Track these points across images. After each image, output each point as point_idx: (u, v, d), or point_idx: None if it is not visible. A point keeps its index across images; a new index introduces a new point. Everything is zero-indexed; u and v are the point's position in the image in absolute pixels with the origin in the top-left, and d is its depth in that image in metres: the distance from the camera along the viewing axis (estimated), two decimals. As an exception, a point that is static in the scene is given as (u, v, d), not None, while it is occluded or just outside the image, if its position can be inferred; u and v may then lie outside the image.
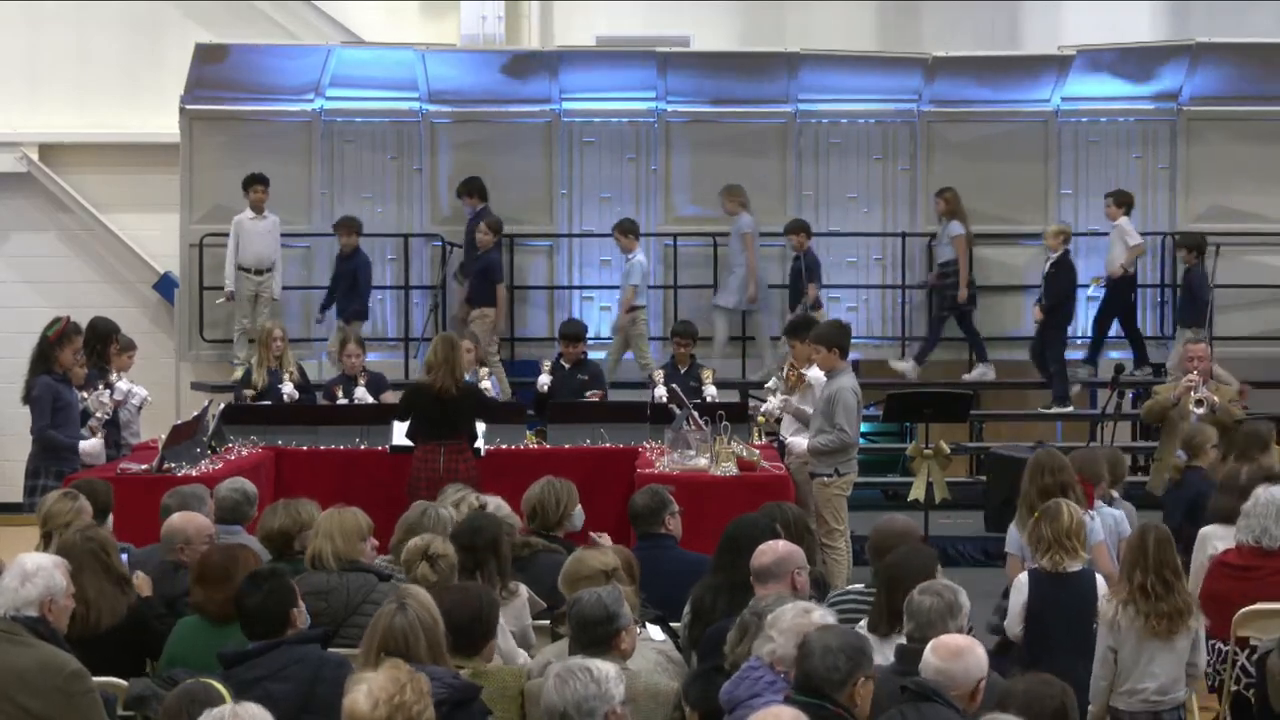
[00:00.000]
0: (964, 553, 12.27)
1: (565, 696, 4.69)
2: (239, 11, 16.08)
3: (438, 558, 6.56)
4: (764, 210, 15.13)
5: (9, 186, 16.20)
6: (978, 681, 5.23)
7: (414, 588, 5.73)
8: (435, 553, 6.57)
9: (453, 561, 6.64)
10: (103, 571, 6.53)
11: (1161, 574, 6.66)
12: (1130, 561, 6.77)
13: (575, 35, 16.10)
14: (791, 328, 11.61)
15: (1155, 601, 6.62)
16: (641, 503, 8.01)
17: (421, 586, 6.02)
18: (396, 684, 4.50)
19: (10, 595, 5.79)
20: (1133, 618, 6.64)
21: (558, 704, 4.69)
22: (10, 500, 12.47)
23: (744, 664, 5.58)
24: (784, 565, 6.40)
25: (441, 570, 6.53)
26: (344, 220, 14.40)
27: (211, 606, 6.25)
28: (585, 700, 4.69)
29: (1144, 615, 6.63)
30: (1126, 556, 6.89)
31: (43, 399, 10.63)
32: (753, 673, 5.48)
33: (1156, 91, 15.32)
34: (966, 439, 14.38)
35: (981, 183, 14.97)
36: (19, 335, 13.18)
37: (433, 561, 6.54)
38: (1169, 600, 6.63)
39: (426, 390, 10.45)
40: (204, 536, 7.27)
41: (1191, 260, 14.19)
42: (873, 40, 16.29)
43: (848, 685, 5.04)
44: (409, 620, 5.36)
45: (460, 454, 10.32)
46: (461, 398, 10.42)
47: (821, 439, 10.17)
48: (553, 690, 4.72)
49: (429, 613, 5.46)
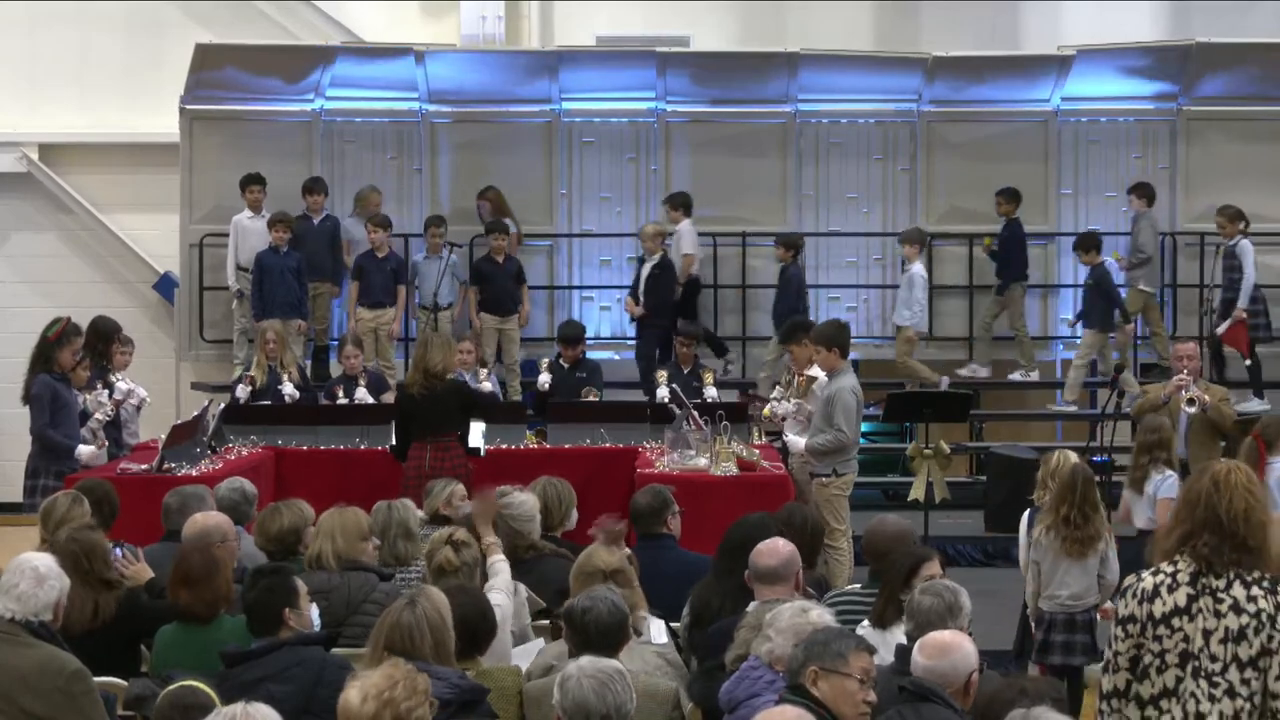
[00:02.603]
0: (964, 553, 12.28)
1: (607, 701, 4.72)
2: (239, 11, 16.08)
3: (461, 545, 6.56)
4: (764, 210, 15.16)
5: (9, 186, 16.20)
6: (969, 675, 5.21)
7: (430, 588, 5.72)
8: (459, 539, 6.58)
9: (476, 553, 6.63)
10: (80, 577, 6.42)
11: (1083, 508, 8.25)
12: (1059, 495, 8.30)
13: (575, 35, 16.10)
14: (787, 333, 11.60)
15: (1073, 529, 8.24)
16: (644, 502, 8.01)
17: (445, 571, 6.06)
18: (389, 680, 4.51)
19: (30, 601, 5.75)
20: (1052, 540, 8.30)
21: (598, 707, 4.71)
22: (10, 500, 12.48)
23: (743, 664, 5.58)
24: (789, 567, 6.40)
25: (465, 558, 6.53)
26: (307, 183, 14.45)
27: (196, 607, 6.25)
28: (623, 705, 4.75)
29: (1062, 539, 8.27)
30: (1055, 491, 8.36)
31: (41, 398, 10.64)
32: (752, 672, 5.49)
33: (1156, 91, 15.32)
34: (966, 439, 14.38)
35: (981, 183, 14.96)
36: (19, 335, 13.18)
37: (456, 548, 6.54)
38: (1084, 529, 8.25)
39: (403, 389, 10.59)
40: (234, 533, 7.30)
41: (1092, 260, 14.21)
42: (872, 40, 16.29)
43: (802, 674, 5.06)
44: (415, 618, 5.36)
45: (446, 451, 10.35)
46: (444, 395, 10.45)
47: (819, 439, 10.17)
48: (590, 693, 4.72)
49: (438, 613, 5.44)
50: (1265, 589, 4.94)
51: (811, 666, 5.07)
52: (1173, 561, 5.03)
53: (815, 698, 5.02)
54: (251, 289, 14.09)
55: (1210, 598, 4.95)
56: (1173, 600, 4.96)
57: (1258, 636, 4.90)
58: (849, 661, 5.08)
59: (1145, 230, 14.46)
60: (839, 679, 5.05)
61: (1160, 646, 4.95)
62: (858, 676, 5.07)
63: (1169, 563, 5.03)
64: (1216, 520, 4.96)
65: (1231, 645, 4.90)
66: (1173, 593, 4.97)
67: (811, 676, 5.07)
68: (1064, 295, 15.24)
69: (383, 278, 14.13)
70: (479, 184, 14.93)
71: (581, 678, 4.77)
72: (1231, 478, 5.01)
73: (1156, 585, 5.00)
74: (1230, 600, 4.93)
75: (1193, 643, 4.93)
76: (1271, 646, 4.89)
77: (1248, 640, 4.90)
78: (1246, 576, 4.95)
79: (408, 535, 7.46)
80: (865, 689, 5.09)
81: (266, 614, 5.84)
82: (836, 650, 5.09)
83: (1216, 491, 4.99)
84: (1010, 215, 14.56)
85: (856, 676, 5.07)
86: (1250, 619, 4.90)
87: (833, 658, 5.07)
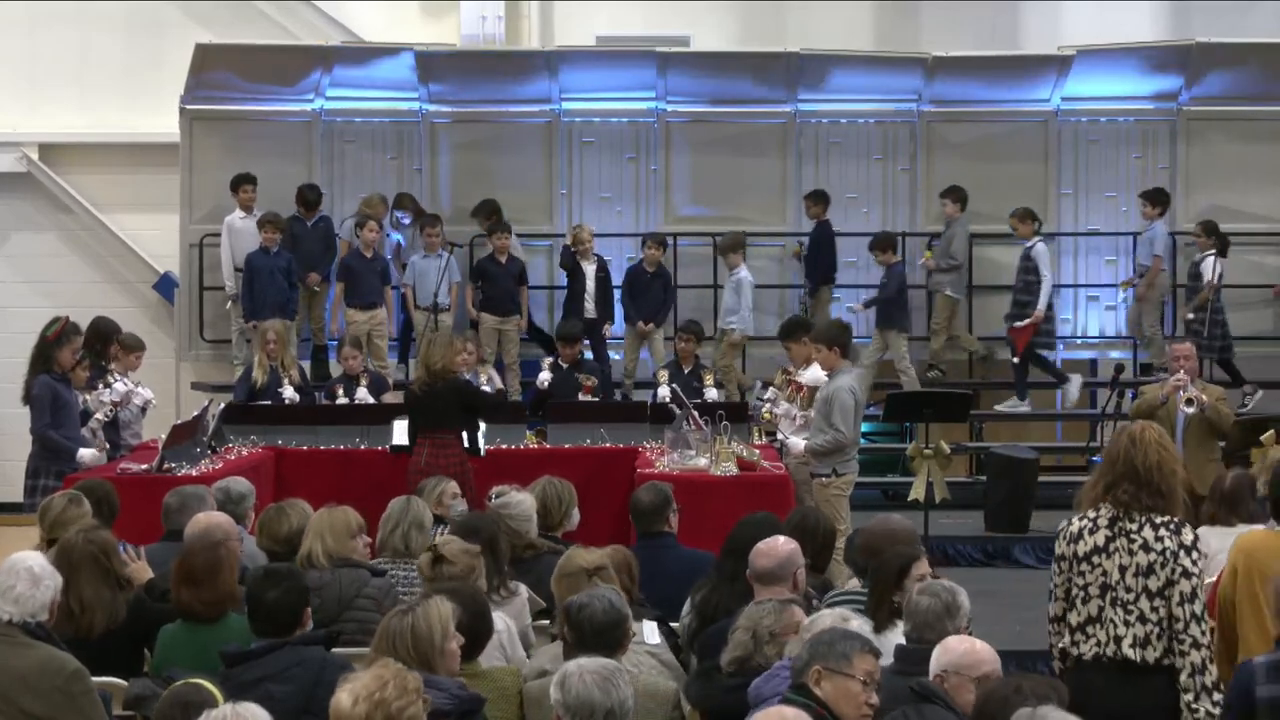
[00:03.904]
0: (964, 553, 12.26)
1: (612, 696, 4.73)
2: (239, 11, 16.09)
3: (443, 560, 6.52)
4: (764, 210, 15.16)
5: (9, 186, 16.21)
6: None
7: (436, 597, 5.65)
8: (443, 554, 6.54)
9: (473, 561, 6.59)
10: (101, 576, 6.50)
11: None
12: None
13: (575, 35, 16.10)
14: (786, 330, 11.59)
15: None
16: (646, 500, 8.01)
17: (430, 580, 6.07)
18: (379, 681, 4.50)
19: (27, 602, 5.74)
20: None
21: (604, 702, 4.72)
22: (10, 500, 12.48)
23: (775, 663, 5.57)
24: (787, 567, 6.40)
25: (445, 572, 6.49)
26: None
27: (199, 606, 6.23)
28: (626, 700, 4.76)
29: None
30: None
31: (41, 398, 10.64)
32: (782, 671, 5.48)
33: (1156, 91, 15.32)
34: (966, 439, 14.38)
35: (981, 183, 14.96)
36: (19, 335, 13.18)
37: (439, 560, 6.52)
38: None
39: (408, 388, 10.56)
40: (236, 533, 7.30)
41: (888, 259, 14.27)
42: (872, 40, 16.30)
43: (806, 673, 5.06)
44: (404, 625, 5.32)
45: (445, 448, 10.37)
46: (443, 393, 10.46)
47: (818, 439, 10.16)
48: (595, 688, 4.73)
49: (432, 621, 5.36)
50: (1170, 530, 5.79)
51: (815, 666, 5.08)
52: (1096, 508, 5.89)
53: (818, 698, 5.02)
54: (242, 289, 14.10)
55: (1125, 539, 5.82)
56: (1093, 541, 5.85)
57: (1163, 571, 5.75)
58: (853, 663, 5.08)
59: (959, 236, 14.49)
60: (842, 680, 5.06)
61: (1085, 580, 5.85)
62: (861, 678, 5.07)
63: (1093, 509, 5.89)
64: (1134, 471, 5.82)
65: (1142, 578, 5.77)
66: (1093, 535, 5.85)
67: (815, 676, 5.07)
68: (1063, 295, 15.22)
69: (373, 279, 14.13)
70: (479, 184, 14.94)
71: (583, 674, 4.77)
72: (1146, 435, 5.88)
73: (1081, 529, 5.90)
74: (1141, 540, 5.79)
75: (1110, 577, 5.81)
76: (1174, 579, 5.73)
77: (1155, 574, 5.76)
78: (1156, 520, 5.81)
79: (419, 528, 7.45)
80: (868, 691, 5.08)
81: (289, 616, 5.80)
82: (841, 651, 5.10)
83: (1134, 447, 5.85)
84: (820, 217, 14.64)
85: (860, 678, 5.07)
86: (1157, 556, 5.76)
87: (837, 658, 5.08)
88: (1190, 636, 5.71)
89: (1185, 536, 5.78)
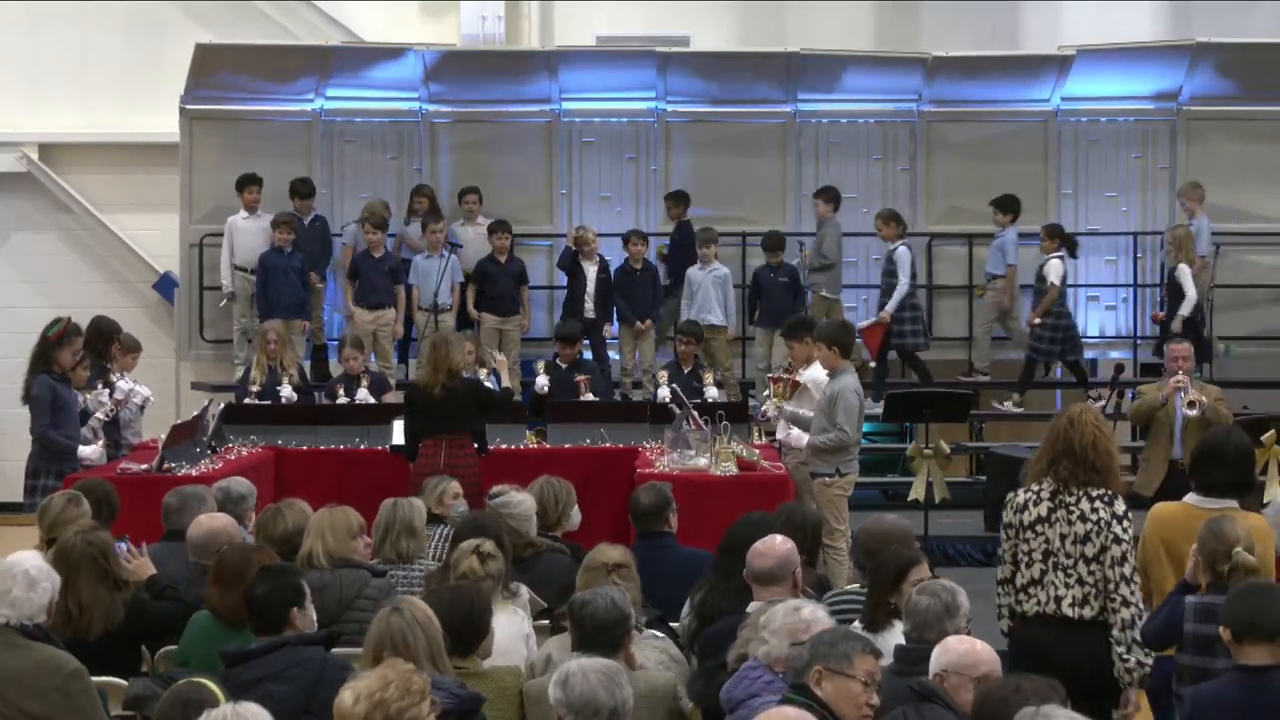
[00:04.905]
0: (964, 553, 12.27)
1: (615, 695, 4.76)
2: (239, 11, 16.08)
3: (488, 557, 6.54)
4: (764, 210, 15.16)
5: (9, 186, 16.21)
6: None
7: (410, 598, 5.71)
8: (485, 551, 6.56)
9: (501, 565, 6.60)
10: (99, 577, 6.49)
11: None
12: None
13: (575, 35, 16.10)
14: (790, 329, 11.58)
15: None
16: (646, 500, 8.00)
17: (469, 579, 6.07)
18: (382, 681, 4.51)
19: (24, 605, 5.72)
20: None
21: (608, 701, 4.73)
22: (10, 500, 12.48)
23: (743, 665, 5.59)
24: (786, 567, 6.40)
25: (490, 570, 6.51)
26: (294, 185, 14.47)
27: (224, 609, 6.25)
28: (628, 699, 4.78)
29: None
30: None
31: (41, 398, 10.64)
32: (750, 673, 5.49)
33: (1156, 91, 15.32)
34: (966, 439, 14.38)
35: (981, 183, 14.96)
36: (19, 335, 13.18)
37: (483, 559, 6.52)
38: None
39: (419, 389, 10.49)
40: (239, 535, 7.29)
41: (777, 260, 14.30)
42: (872, 40, 16.30)
43: (807, 673, 5.07)
44: (405, 621, 5.35)
45: (461, 449, 10.30)
46: (461, 394, 10.42)
47: (822, 438, 10.16)
48: (599, 688, 4.75)
49: (425, 614, 5.45)
50: (1104, 502, 6.42)
51: (816, 666, 5.08)
52: (1039, 481, 6.53)
53: (818, 698, 5.02)
54: (256, 290, 14.12)
55: (1064, 510, 6.46)
56: (1037, 511, 6.50)
57: (1098, 539, 6.39)
58: (854, 663, 5.09)
59: (830, 236, 14.45)
60: (843, 680, 5.06)
61: (1029, 546, 6.49)
62: (861, 679, 5.08)
63: (1036, 483, 6.53)
64: (1072, 449, 6.45)
65: (1079, 545, 6.41)
66: (1037, 506, 6.50)
67: (816, 676, 5.07)
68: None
69: (381, 278, 14.13)
70: (479, 184, 14.93)
71: (586, 673, 4.78)
72: (1083, 416, 6.52)
73: (1026, 500, 6.55)
74: (1079, 511, 6.43)
75: (1052, 544, 6.45)
76: (1107, 545, 6.37)
77: (1091, 541, 6.39)
78: (1092, 493, 6.44)
79: (410, 533, 7.45)
80: (869, 691, 5.09)
81: (274, 612, 5.80)
82: (842, 651, 5.10)
83: (1071, 427, 6.49)
84: (680, 218, 14.65)
85: (860, 679, 5.07)
86: (1092, 525, 6.40)
87: (838, 659, 5.08)
88: (1121, 596, 6.35)
89: (1117, 507, 6.41)
